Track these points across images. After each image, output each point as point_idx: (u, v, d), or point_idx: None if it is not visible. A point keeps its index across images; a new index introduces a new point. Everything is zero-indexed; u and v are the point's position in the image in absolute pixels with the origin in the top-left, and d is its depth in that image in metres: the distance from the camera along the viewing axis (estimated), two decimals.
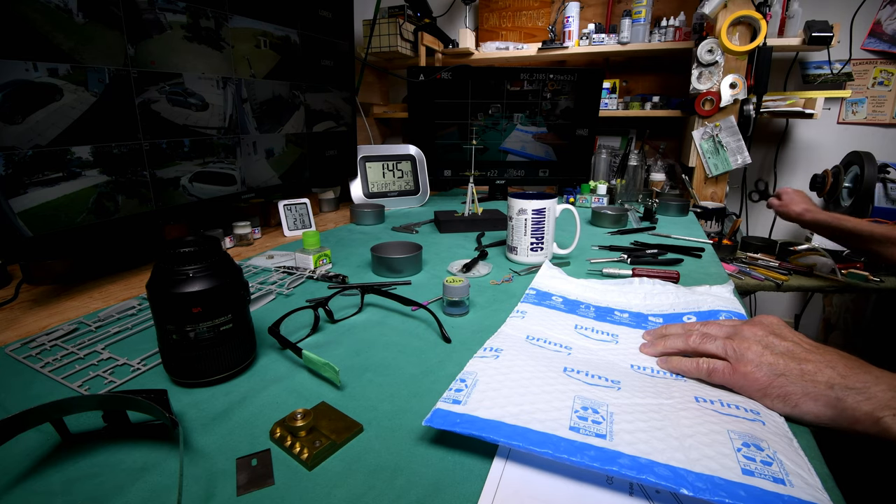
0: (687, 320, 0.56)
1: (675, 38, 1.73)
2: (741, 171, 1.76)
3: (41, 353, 0.52)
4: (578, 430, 0.35)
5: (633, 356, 0.50)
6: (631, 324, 0.57)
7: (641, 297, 0.64)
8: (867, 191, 1.51)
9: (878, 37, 1.72)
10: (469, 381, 0.41)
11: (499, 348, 0.48)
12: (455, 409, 0.37)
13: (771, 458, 0.33)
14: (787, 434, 0.37)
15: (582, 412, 0.37)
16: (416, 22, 1.86)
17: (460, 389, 0.40)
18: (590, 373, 0.44)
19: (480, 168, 1.47)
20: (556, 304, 0.62)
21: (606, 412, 0.37)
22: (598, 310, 0.61)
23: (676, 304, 0.61)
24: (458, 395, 0.39)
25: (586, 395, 0.40)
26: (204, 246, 0.43)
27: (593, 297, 0.65)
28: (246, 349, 0.48)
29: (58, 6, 0.62)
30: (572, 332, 0.55)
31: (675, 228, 1.10)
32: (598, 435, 0.34)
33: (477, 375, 0.42)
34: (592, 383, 0.42)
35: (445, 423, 0.36)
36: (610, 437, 0.34)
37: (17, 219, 0.60)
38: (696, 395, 0.41)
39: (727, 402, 0.40)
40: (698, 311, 0.57)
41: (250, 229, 0.99)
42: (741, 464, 0.32)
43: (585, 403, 0.38)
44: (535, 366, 0.44)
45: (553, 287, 0.68)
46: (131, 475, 0.35)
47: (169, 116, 0.79)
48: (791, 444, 0.35)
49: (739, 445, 0.34)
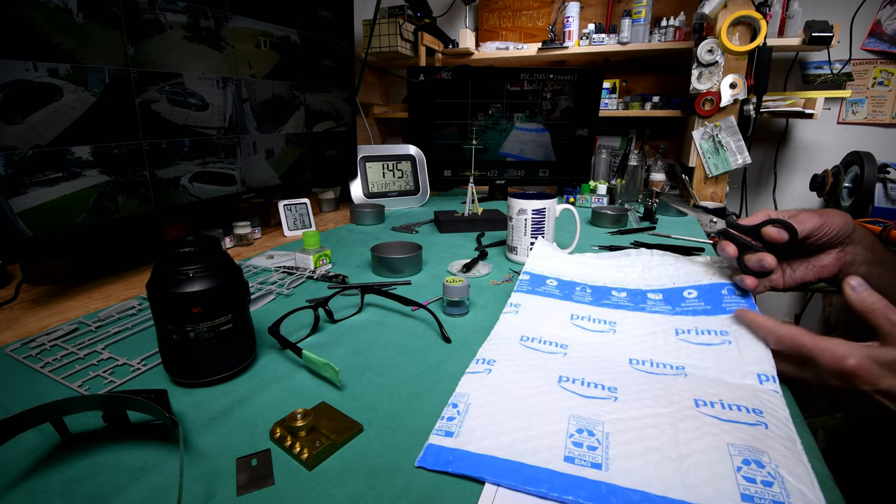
0: (688, 296, 0.54)
1: (675, 38, 1.73)
2: (741, 171, 1.76)
3: (41, 353, 0.52)
4: (573, 460, 0.34)
5: (632, 348, 0.49)
6: (629, 305, 0.56)
7: (639, 270, 0.62)
8: (867, 191, 1.51)
9: (878, 37, 1.72)
10: (461, 406, 0.40)
11: (491, 359, 0.47)
12: (447, 444, 0.36)
13: (772, 476, 0.32)
14: (790, 436, 0.36)
15: (577, 436, 0.36)
16: (416, 22, 1.86)
17: (452, 418, 0.39)
18: (586, 380, 0.43)
19: (480, 168, 1.47)
20: (550, 290, 0.61)
21: (602, 434, 0.36)
22: (595, 290, 0.60)
23: (676, 276, 0.58)
24: (450, 426, 0.38)
25: (582, 412, 0.39)
26: (204, 246, 0.43)
27: (589, 275, 0.63)
28: (246, 349, 0.48)
29: (58, 6, 0.62)
30: (568, 325, 0.54)
31: (675, 228, 1.10)
32: (594, 464, 0.34)
33: (469, 398, 0.41)
34: (588, 395, 0.41)
35: (438, 463, 0.35)
36: (605, 466, 0.33)
37: (17, 219, 0.60)
38: (695, 398, 0.40)
39: (729, 404, 0.39)
40: (699, 284, 0.55)
41: (250, 229, 0.99)
42: (741, 488, 0.31)
43: (581, 424, 0.37)
44: (527, 379, 0.43)
45: (547, 268, 0.66)
46: (131, 475, 0.35)
47: (169, 116, 0.79)
48: (794, 448, 0.34)
49: (739, 464, 0.33)
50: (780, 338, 0.44)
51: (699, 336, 0.49)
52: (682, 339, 0.49)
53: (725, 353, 0.46)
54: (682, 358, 0.47)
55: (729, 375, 0.44)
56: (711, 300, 0.53)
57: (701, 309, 0.53)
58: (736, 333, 0.48)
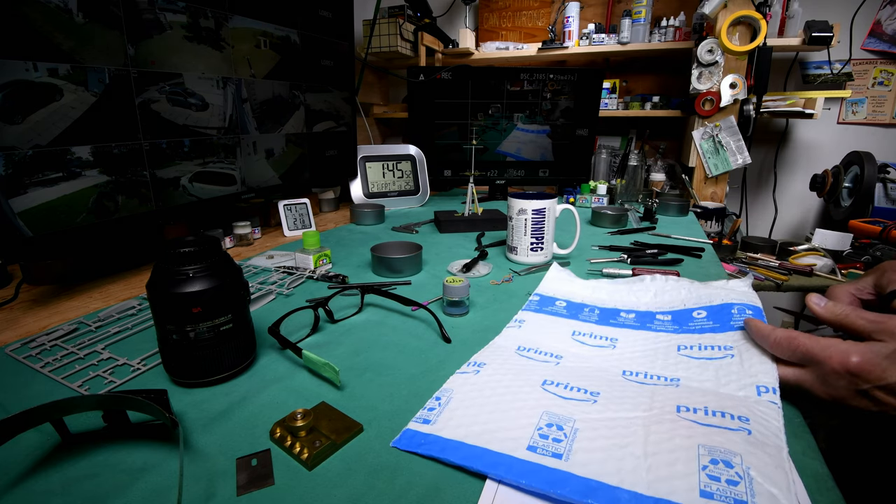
0: (697, 316, 0.54)
1: (675, 38, 1.73)
2: (741, 171, 1.76)
3: (41, 353, 0.52)
4: (535, 449, 0.34)
5: (628, 361, 0.48)
6: (635, 325, 0.55)
7: (651, 294, 0.62)
8: (867, 191, 1.52)
9: (878, 37, 1.72)
10: (443, 400, 0.41)
11: (482, 363, 0.47)
12: (423, 429, 0.38)
13: (740, 476, 0.31)
14: (776, 444, 0.34)
15: (546, 429, 0.36)
16: (416, 22, 1.86)
17: (433, 408, 0.40)
18: (569, 385, 0.43)
19: (480, 168, 1.47)
20: (558, 310, 0.60)
21: (571, 429, 0.36)
22: (603, 312, 0.59)
23: (688, 299, 0.58)
24: (429, 415, 0.40)
25: (556, 410, 0.39)
26: (204, 246, 0.43)
27: (600, 299, 0.63)
28: (246, 349, 0.48)
29: (58, 6, 0.62)
30: (567, 339, 0.53)
31: (675, 228, 1.10)
32: (555, 454, 0.34)
33: (452, 393, 0.42)
34: (567, 396, 0.41)
35: (411, 445, 0.37)
36: (566, 456, 0.34)
37: (17, 219, 0.60)
38: (678, 405, 0.39)
39: (713, 410, 0.38)
40: (709, 305, 0.55)
41: (250, 229, 0.99)
42: (702, 484, 0.30)
43: (552, 420, 0.37)
44: (512, 380, 0.44)
45: (558, 291, 0.65)
46: (131, 475, 0.35)
47: (169, 116, 0.79)
48: (777, 455, 0.33)
49: (706, 462, 0.32)
50: (777, 340, 0.43)
51: (702, 351, 0.48)
52: (682, 355, 0.48)
53: (727, 367, 0.45)
54: (679, 371, 0.46)
55: (726, 388, 0.42)
56: (720, 319, 0.52)
57: (709, 327, 0.51)
58: (741, 348, 0.46)
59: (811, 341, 0.40)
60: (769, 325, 0.45)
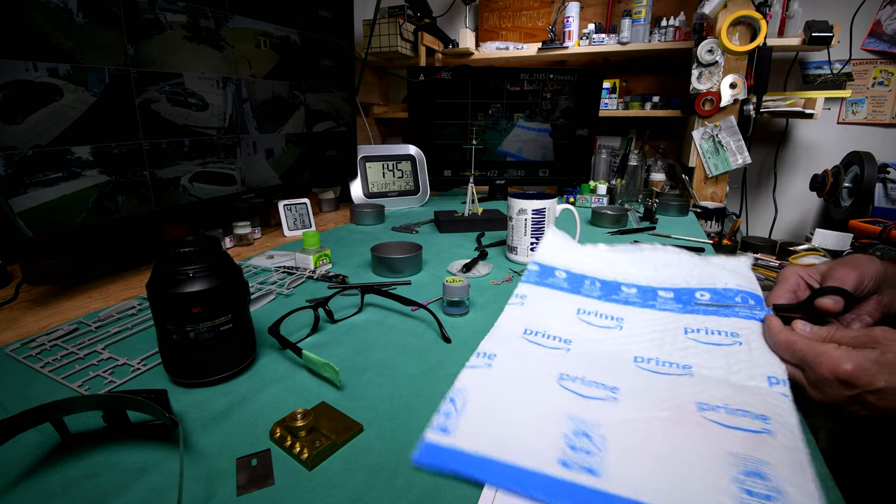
0: (700, 297, 0.54)
1: (675, 38, 1.73)
2: (741, 171, 1.76)
3: (41, 353, 0.52)
4: (568, 464, 0.34)
5: (637, 345, 0.49)
6: (638, 301, 0.56)
7: (652, 266, 0.61)
8: (867, 191, 1.51)
9: (878, 37, 1.72)
10: (459, 402, 0.40)
11: (492, 353, 0.47)
12: (443, 441, 0.36)
13: (773, 492, 0.31)
14: (797, 446, 0.35)
15: (573, 438, 0.36)
16: (416, 22, 1.86)
17: (449, 413, 0.39)
18: (587, 378, 0.43)
19: (480, 168, 1.47)
20: (558, 283, 0.59)
21: (599, 437, 0.36)
22: (604, 285, 0.59)
23: (689, 276, 0.58)
24: (446, 422, 0.38)
25: (580, 413, 0.38)
26: (204, 246, 0.43)
27: (600, 269, 0.62)
28: (246, 349, 0.48)
29: (58, 6, 0.62)
30: (574, 320, 0.53)
31: (675, 228, 1.10)
32: (589, 469, 0.33)
33: (467, 394, 0.41)
34: (588, 395, 0.41)
35: (434, 461, 0.35)
36: (601, 472, 0.33)
37: (17, 219, 0.60)
38: (697, 401, 0.39)
39: (734, 408, 0.38)
40: (712, 287, 0.55)
41: (250, 229, 0.99)
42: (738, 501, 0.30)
43: (578, 426, 0.37)
44: (527, 375, 0.43)
45: (557, 259, 0.64)
46: (131, 475, 0.35)
47: (169, 116, 0.79)
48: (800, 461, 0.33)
49: (738, 474, 0.32)
50: (777, 343, 0.44)
51: (709, 336, 0.48)
52: (690, 339, 0.49)
53: (735, 354, 0.45)
54: (688, 357, 0.46)
55: (737, 377, 0.43)
56: (724, 302, 0.53)
57: (713, 310, 0.52)
58: (748, 336, 0.47)
59: (807, 347, 0.41)
60: (779, 325, 0.45)
